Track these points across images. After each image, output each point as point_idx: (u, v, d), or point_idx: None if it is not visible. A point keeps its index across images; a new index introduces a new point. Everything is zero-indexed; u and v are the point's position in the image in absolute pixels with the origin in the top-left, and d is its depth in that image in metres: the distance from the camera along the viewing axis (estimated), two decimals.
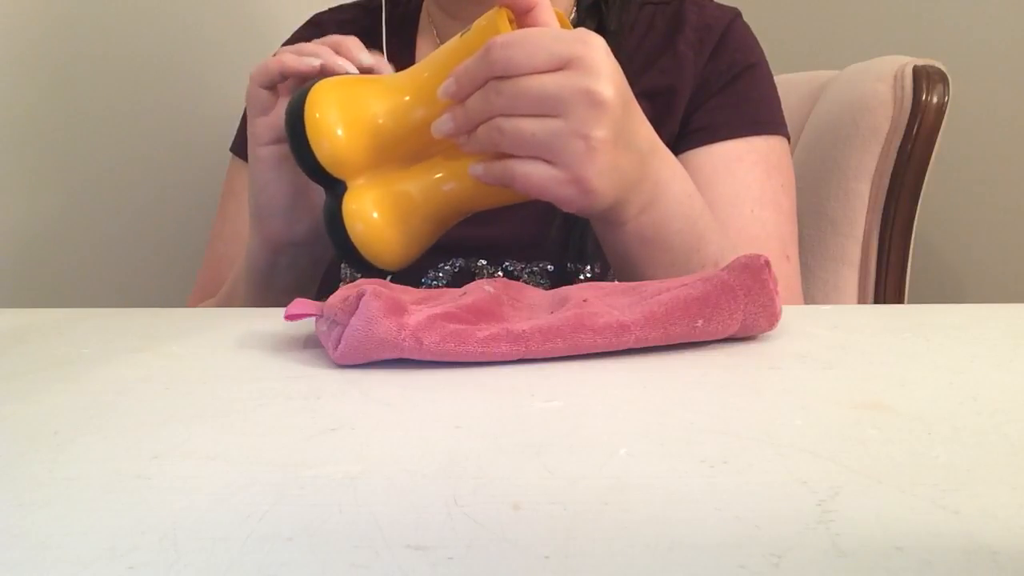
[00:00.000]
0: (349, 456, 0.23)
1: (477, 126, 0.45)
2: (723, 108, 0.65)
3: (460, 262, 0.66)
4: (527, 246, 0.65)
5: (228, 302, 0.64)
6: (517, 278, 0.64)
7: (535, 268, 0.65)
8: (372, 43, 0.55)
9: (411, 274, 0.63)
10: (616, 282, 0.41)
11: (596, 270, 0.64)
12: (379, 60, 0.53)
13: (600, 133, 0.43)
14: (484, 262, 0.66)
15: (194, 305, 0.74)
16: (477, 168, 0.47)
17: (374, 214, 0.49)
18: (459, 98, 0.45)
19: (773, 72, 0.69)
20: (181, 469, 0.23)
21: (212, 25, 1.05)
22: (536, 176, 0.44)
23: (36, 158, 0.87)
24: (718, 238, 0.53)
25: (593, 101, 0.42)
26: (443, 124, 0.47)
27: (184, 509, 0.20)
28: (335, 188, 0.49)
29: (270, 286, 0.59)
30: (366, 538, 0.18)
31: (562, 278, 0.64)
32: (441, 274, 0.66)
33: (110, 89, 0.93)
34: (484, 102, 0.44)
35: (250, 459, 0.23)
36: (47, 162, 0.88)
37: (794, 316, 0.41)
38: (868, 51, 0.86)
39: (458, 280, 0.65)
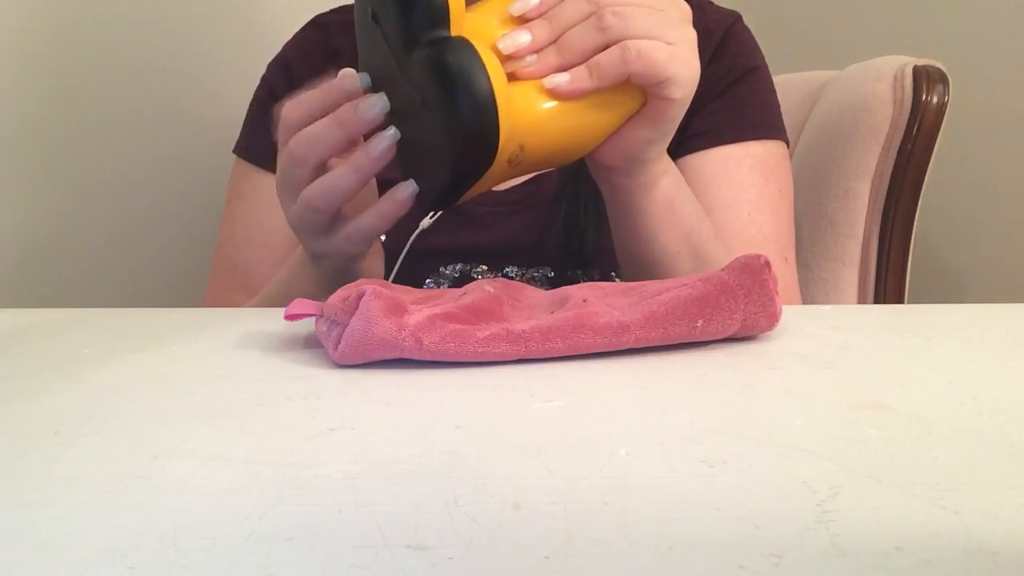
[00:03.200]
0: (349, 456, 0.23)
1: (559, 36, 0.42)
2: (723, 112, 0.65)
3: (460, 267, 0.66)
4: (528, 252, 0.65)
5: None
6: None
7: (535, 274, 0.65)
8: None
9: (412, 278, 0.63)
10: (616, 282, 0.41)
11: (596, 276, 0.64)
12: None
13: (693, 33, 0.45)
14: (484, 267, 0.65)
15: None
16: (559, 78, 0.42)
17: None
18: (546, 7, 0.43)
19: (773, 73, 0.69)
20: (181, 469, 0.23)
21: (213, 25, 1.05)
22: (656, 51, 0.42)
23: (37, 159, 0.87)
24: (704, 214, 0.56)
25: (683, 9, 0.45)
26: (519, 36, 0.42)
27: (184, 509, 0.20)
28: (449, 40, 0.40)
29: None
30: (366, 538, 0.18)
31: (562, 284, 0.64)
32: (442, 279, 0.66)
33: (110, 89, 0.93)
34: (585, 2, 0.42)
35: (250, 459, 0.23)
36: (48, 163, 0.88)
37: (794, 316, 0.41)
38: (868, 51, 0.86)
39: (458, 285, 0.65)
